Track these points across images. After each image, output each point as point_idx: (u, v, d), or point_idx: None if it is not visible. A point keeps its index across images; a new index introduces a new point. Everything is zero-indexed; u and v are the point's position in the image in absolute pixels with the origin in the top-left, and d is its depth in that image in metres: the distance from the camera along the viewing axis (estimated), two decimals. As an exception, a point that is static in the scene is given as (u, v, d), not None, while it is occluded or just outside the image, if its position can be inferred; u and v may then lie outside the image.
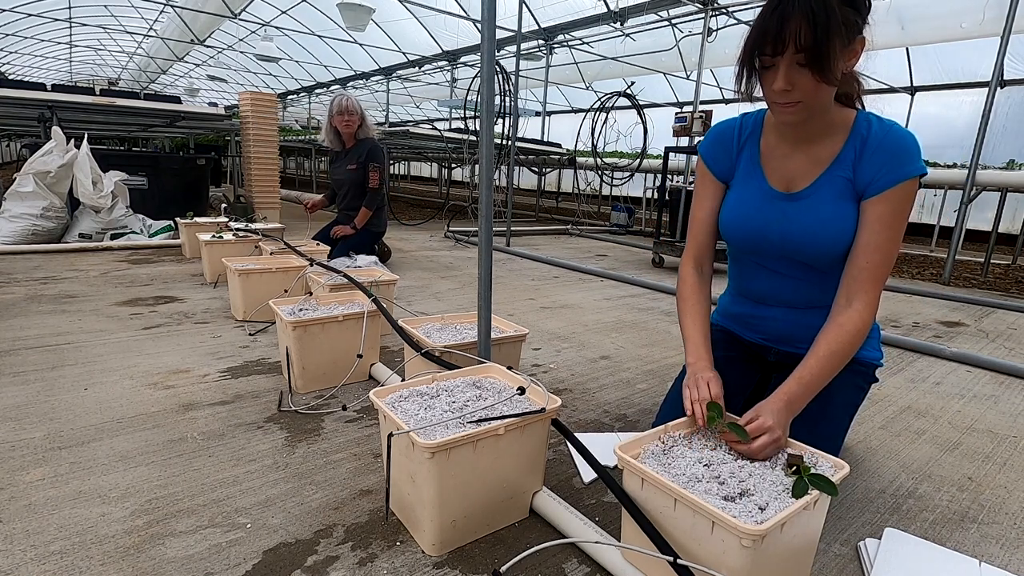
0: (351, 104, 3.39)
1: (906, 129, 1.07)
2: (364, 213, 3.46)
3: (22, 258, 3.44)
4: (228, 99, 17.19)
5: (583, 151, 7.96)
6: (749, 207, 1.21)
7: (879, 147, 1.06)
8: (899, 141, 1.05)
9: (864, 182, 1.08)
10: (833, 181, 1.11)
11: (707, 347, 1.19)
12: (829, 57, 0.94)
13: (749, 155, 1.23)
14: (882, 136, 1.06)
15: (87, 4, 11.38)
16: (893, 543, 1.09)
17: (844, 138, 1.10)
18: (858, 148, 1.09)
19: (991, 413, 1.82)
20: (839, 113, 1.10)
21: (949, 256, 4.28)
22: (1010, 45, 4.04)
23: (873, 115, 1.10)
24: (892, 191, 1.05)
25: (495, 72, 1.55)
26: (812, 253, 1.15)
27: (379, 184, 3.44)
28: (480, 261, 1.43)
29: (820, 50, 0.93)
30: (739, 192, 1.24)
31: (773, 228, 1.18)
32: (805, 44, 0.94)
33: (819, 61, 0.94)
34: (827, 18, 0.92)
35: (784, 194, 1.17)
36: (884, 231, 1.06)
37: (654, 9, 6.72)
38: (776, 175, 1.19)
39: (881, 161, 1.06)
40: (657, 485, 0.88)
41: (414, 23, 9.38)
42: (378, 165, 3.43)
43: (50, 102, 4.64)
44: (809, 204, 1.14)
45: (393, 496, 1.12)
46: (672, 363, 2.14)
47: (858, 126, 1.10)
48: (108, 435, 1.38)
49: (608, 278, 3.86)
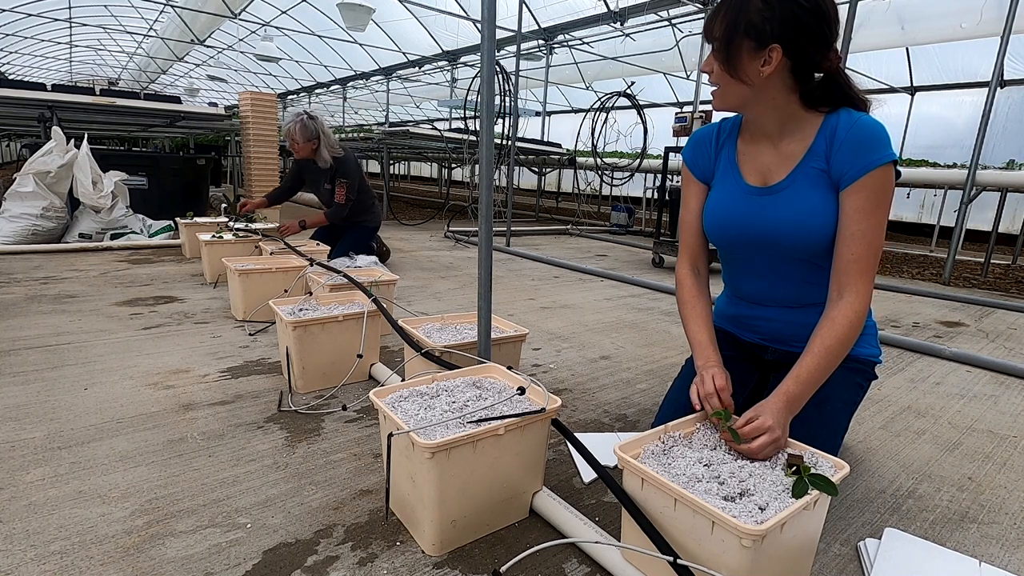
0: (289, 130, 3.16)
1: (875, 120, 1.09)
2: (320, 220, 3.37)
3: (22, 258, 3.44)
4: (228, 99, 17.19)
5: (583, 151, 7.96)
6: (728, 204, 1.24)
7: (848, 136, 1.08)
8: (866, 130, 1.07)
9: (838, 172, 1.10)
10: (807, 172, 1.13)
11: (714, 347, 1.20)
12: (732, 53, 1.07)
13: (727, 156, 1.26)
14: (850, 126, 1.08)
15: (87, 4, 11.38)
16: (893, 543, 1.09)
17: (815, 133, 1.13)
18: (828, 139, 1.11)
19: (991, 413, 1.82)
20: (813, 113, 1.14)
21: (949, 256, 4.28)
22: (1010, 45, 4.04)
23: (844, 109, 1.12)
24: (866, 179, 1.06)
25: (495, 72, 1.55)
26: (793, 244, 1.16)
27: (345, 200, 3.31)
28: (480, 261, 1.43)
29: (725, 46, 1.07)
30: (718, 191, 1.27)
31: (752, 222, 1.20)
32: (717, 35, 1.09)
33: (723, 53, 1.08)
34: (736, 19, 1.05)
35: (761, 188, 1.19)
36: (863, 220, 1.07)
37: (654, 9, 6.72)
38: (752, 172, 1.22)
39: (851, 149, 1.07)
40: (657, 485, 0.88)
41: (414, 23, 9.38)
42: (345, 181, 3.29)
43: (50, 102, 4.65)
44: (785, 196, 1.16)
45: (393, 496, 1.12)
46: (672, 363, 2.14)
47: (828, 120, 1.12)
48: (108, 435, 1.38)
49: (608, 278, 3.86)
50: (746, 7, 1.04)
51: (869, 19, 6.48)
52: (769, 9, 1.03)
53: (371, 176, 17.36)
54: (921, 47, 7.48)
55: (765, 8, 1.03)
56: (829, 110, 1.12)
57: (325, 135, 3.21)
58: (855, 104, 1.13)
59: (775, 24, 1.03)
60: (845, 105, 1.12)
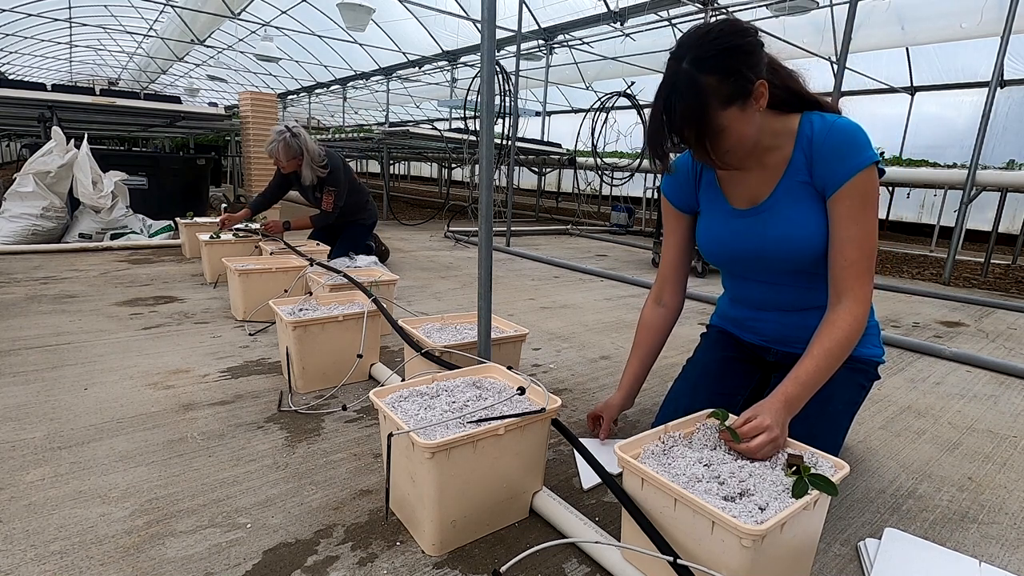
0: (272, 150, 3.08)
1: (850, 121, 1.08)
2: (305, 223, 3.31)
3: (22, 258, 3.44)
4: (228, 99, 17.18)
5: (583, 151, 7.96)
6: (718, 230, 1.26)
7: (826, 145, 1.07)
8: (844, 134, 1.06)
9: (822, 182, 1.09)
10: (791, 188, 1.13)
11: (628, 386, 1.41)
12: (727, 136, 1.01)
13: (708, 181, 1.28)
14: (826, 134, 1.07)
15: (87, 4, 11.38)
16: (893, 543, 1.09)
17: (792, 143, 1.12)
18: (807, 150, 1.10)
19: (991, 413, 1.82)
20: (782, 121, 1.12)
21: (949, 256, 4.28)
22: (1010, 45, 4.04)
23: (816, 114, 1.11)
24: (850, 184, 1.06)
25: (495, 72, 1.55)
26: (787, 259, 1.17)
27: (332, 208, 3.27)
28: (480, 261, 1.43)
29: (713, 137, 1.01)
30: (707, 217, 1.29)
31: (745, 244, 1.21)
32: (695, 138, 1.02)
33: (717, 142, 1.02)
34: (703, 113, 0.98)
35: (746, 211, 1.20)
36: (853, 225, 1.07)
37: (654, 9, 6.72)
38: (735, 194, 1.22)
39: (831, 158, 1.07)
40: (657, 485, 0.88)
41: (414, 23, 9.38)
42: (333, 189, 3.25)
43: (50, 102, 4.65)
44: (772, 214, 1.16)
45: (393, 496, 1.12)
46: (672, 363, 2.14)
47: (802, 129, 1.11)
48: (108, 435, 1.38)
49: (608, 278, 3.86)
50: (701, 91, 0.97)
51: (869, 19, 6.48)
52: (725, 68, 0.98)
53: (371, 176, 17.37)
54: (921, 47, 7.48)
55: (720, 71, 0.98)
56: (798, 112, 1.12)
57: (308, 152, 3.10)
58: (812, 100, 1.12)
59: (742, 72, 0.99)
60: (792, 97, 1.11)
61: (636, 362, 1.41)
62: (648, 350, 1.42)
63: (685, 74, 0.98)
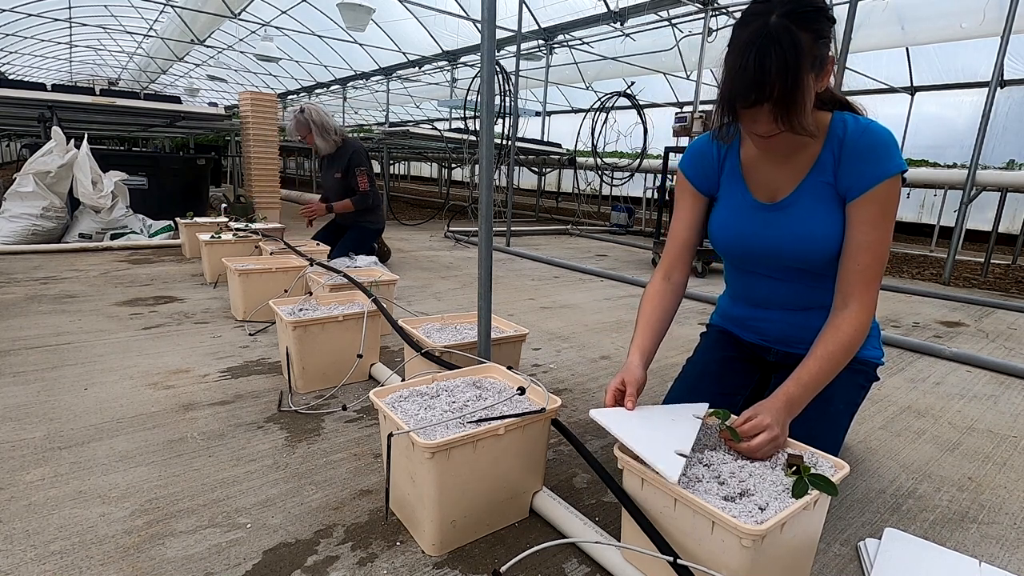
0: (289, 128, 3.37)
1: (882, 126, 1.07)
2: (346, 205, 3.44)
3: (22, 258, 3.44)
4: (228, 99, 17.19)
5: (583, 151, 7.96)
6: (735, 220, 1.23)
7: (856, 148, 1.06)
8: (876, 140, 1.05)
9: (846, 185, 1.08)
10: (815, 187, 1.12)
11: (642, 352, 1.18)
12: (804, 103, 0.96)
13: (730, 168, 1.24)
14: (858, 136, 1.06)
15: (87, 4, 11.38)
16: (893, 543, 1.09)
17: (821, 142, 1.10)
18: (836, 151, 1.09)
19: (991, 413, 1.82)
20: (814, 117, 1.10)
21: (949, 256, 4.28)
22: (1010, 45, 4.04)
23: (849, 115, 1.10)
24: (875, 191, 1.05)
25: (495, 72, 1.55)
26: (800, 259, 1.16)
27: (368, 186, 3.42)
28: (480, 261, 1.43)
29: (795, 99, 0.95)
30: (724, 205, 1.25)
31: (760, 238, 1.20)
32: (780, 96, 0.95)
33: (795, 107, 0.96)
34: (798, 71, 0.93)
35: (767, 204, 1.18)
36: (871, 232, 1.06)
37: (654, 9, 6.72)
38: (758, 186, 1.20)
39: (860, 162, 1.06)
40: (657, 485, 0.88)
41: (414, 23, 9.38)
42: (363, 168, 3.40)
43: (50, 102, 4.64)
44: (792, 212, 1.15)
45: (393, 496, 1.12)
46: (672, 363, 2.14)
47: (834, 128, 1.09)
48: (108, 435, 1.38)
49: (608, 278, 3.86)
50: (799, 46, 0.92)
51: (869, 19, 6.48)
52: (818, 30, 0.95)
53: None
54: (921, 47, 7.48)
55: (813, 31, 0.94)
56: (830, 110, 1.11)
57: (314, 123, 3.33)
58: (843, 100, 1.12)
59: (827, 41, 0.96)
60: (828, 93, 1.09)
61: (648, 333, 1.23)
62: (658, 324, 1.25)
63: (782, 27, 0.93)
